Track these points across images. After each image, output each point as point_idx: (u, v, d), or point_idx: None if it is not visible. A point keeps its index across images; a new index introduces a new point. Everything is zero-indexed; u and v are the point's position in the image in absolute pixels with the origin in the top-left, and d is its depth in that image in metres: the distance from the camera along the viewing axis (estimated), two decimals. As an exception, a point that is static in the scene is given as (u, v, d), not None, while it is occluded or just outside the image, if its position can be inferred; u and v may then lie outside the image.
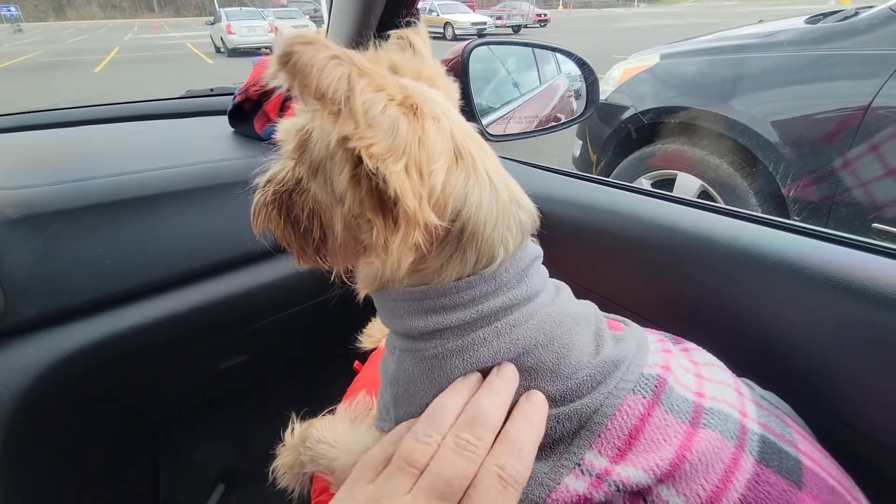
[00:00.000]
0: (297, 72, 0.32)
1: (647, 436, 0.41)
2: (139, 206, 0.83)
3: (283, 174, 0.51)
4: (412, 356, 0.48)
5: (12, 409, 0.67)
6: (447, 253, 0.45)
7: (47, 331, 0.74)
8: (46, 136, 1.12)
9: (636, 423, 0.42)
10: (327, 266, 0.55)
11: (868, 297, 0.49)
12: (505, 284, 0.46)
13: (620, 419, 0.42)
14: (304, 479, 0.71)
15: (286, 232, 0.52)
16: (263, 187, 0.53)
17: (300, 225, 0.50)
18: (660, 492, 0.39)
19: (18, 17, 53.54)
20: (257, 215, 0.53)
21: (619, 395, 0.43)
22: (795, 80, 1.90)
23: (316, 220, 0.49)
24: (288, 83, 0.34)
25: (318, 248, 0.52)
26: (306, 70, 0.32)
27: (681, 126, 2.19)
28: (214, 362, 1.15)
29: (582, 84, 1.11)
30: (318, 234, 0.50)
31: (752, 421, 0.44)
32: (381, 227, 0.40)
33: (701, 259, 0.64)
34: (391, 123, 0.37)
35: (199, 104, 1.37)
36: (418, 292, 0.46)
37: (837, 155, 1.72)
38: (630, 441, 0.41)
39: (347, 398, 0.77)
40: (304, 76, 0.32)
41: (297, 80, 0.33)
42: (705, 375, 0.48)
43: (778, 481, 0.39)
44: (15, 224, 0.73)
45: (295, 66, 0.32)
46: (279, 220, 0.52)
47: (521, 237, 0.48)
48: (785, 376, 0.55)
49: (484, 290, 0.45)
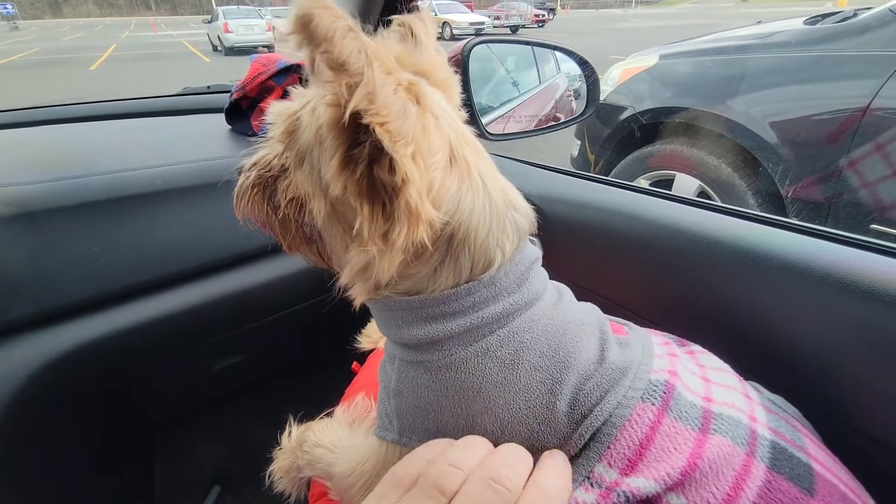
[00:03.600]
0: (317, 36, 0.30)
1: (658, 445, 0.40)
2: (135, 204, 0.82)
3: (268, 158, 0.51)
4: (416, 368, 0.47)
5: (5, 410, 0.66)
6: (437, 258, 0.44)
7: (41, 330, 0.73)
8: (41, 133, 1.10)
9: (647, 432, 0.41)
10: (313, 256, 0.54)
11: (876, 298, 0.48)
12: (505, 290, 0.45)
13: (630, 430, 0.41)
14: (301, 484, 0.70)
15: (269, 217, 0.52)
16: (247, 170, 0.52)
17: (280, 211, 0.50)
18: (669, 500, 0.38)
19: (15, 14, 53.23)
20: (240, 199, 0.52)
21: (628, 405, 0.42)
22: (794, 81, 1.90)
23: (297, 207, 0.48)
24: (304, 46, 0.31)
25: (300, 237, 0.52)
26: (328, 35, 0.30)
27: (679, 126, 2.19)
28: (211, 362, 1.14)
29: (582, 83, 1.11)
30: (299, 221, 0.50)
31: (763, 426, 0.43)
32: (368, 215, 0.38)
33: (705, 259, 0.63)
34: (402, 106, 0.35)
35: (196, 102, 1.36)
36: (417, 301, 0.45)
37: (836, 156, 1.72)
38: (640, 452, 0.40)
39: (346, 400, 0.76)
40: (327, 41, 0.30)
41: (316, 45, 0.30)
42: (713, 379, 0.48)
43: (790, 488, 0.38)
44: (8, 221, 0.72)
45: (316, 30, 0.29)
46: (262, 205, 0.52)
47: (518, 240, 0.47)
48: (792, 379, 0.55)
49: (483, 296, 0.44)
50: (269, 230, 0.54)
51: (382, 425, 0.51)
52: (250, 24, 15.94)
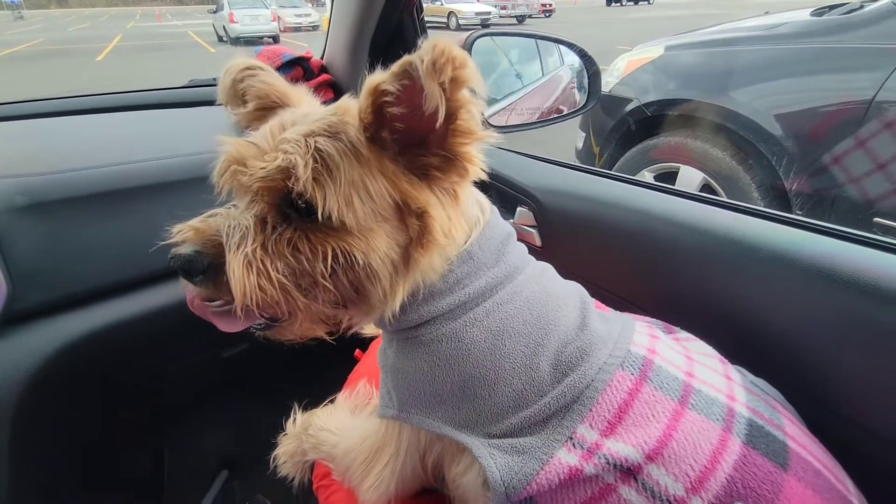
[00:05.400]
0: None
1: (636, 411, 0.43)
2: (143, 195, 0.84)
3: (254, 218, 0.44)
4: (410, 343, 0.50)
5: (21, 391, 0.69)
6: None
7: (54, 317, 0.76)
8: (49, 125, 1.12)
9: (625, 397, 0.44)
10: (327, 325, 0.50)
11: (860, 288, 0.50)
12: (483, 264, 0.49)
13: (611, 393, 0.44)
14: (305, 467, 0.73)
15: (285, 290, 0.43)
16: (237, 248, 0.43)
17: (314, 275, 0.43)
18: (650, 471, 0.40)
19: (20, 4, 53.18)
20: (245, 278, 0.42)
21: (608, 371, 0.45)
22: (800, 72, 1.89)
23: (340, 255, 0.42)
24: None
25: (329, 301, 0.46)
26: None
27: (684, 118, 2.18)
28: (218, 350, 1.17)
29: (584, 76, 1.11)
30: (347, 278, 0.44)
31: (741, 405, 0.45)
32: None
33: (697, 251, 0.64)
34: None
35: (202, 94, 1.37)
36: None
37: (840, 148, 1.71)
38: (619, 415, 0.43)
39: (348, 387, 0.79)
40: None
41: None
42: (696, 360, 0.50)
43: (764, 463, 0.40)
44: (23, 211, 0.74)
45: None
46: (284, 281, 0.43)
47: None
48: (777, 366, 0.56)
49: (465, 271, 0.48)
50: (283, 310, 0.44)
51: (384, 404, 0.54)
52: (255, 14, 15.87)
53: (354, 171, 0.42)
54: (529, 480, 0.42)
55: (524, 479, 0.42)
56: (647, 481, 0.40)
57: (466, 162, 0.43)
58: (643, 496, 0.40)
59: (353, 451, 0.58)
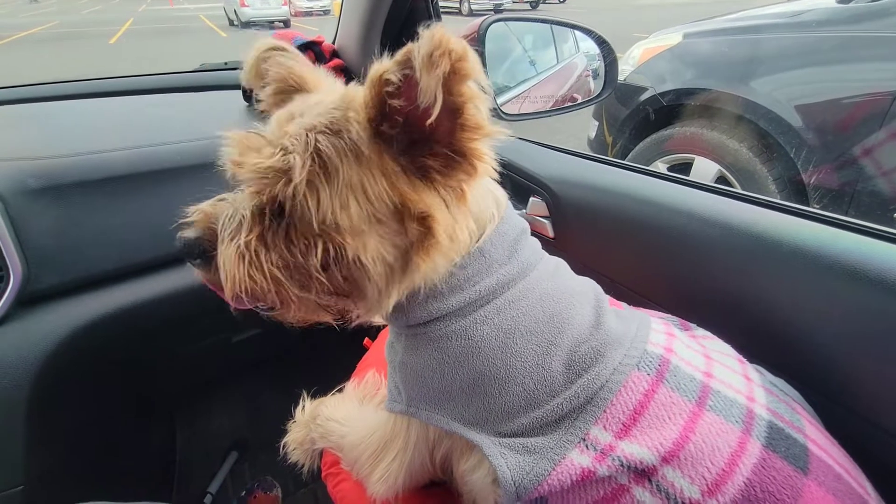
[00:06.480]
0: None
1: (652, 412, 0.42)
2: (156, 179, 0.84)
3: (253, 209, 0.44)
4: (419, 339, 0.49)
5: (37, 371, 0.70)
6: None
7: (69, 299, 0.76)
8: (62, 108, 1.13)
9: (640, 399, 0.43)
10: (330, 316, 0.50)
11: (885, 286, 0.48)
12: (496, 261, 0.47)
13: (625, 395, 0.43)
14: (315, 455, 0.73)
15: (276, 281, 0.43)
16: (230, 239, 0.43)
17: (308, 265, 0.42)
18: (665, 472, 0.40)
19: (34, -14, 53.26)
20: (235, 268, 0.42)
21: (623, 372, 0.44)
22: (823, 62, 1.83)
23: (333, 250, 0.42)
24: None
25: (324, 292, 0.45)
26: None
27: (700, 108, 2.13)
28: (229, 334, 1.18)
29: (600, 63, 1.09)
30: (340, 273, 0.44)
31: (761, 406, 0.44)
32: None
33: (716, 245, 0.63)
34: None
35: (214, 78, 1.37)
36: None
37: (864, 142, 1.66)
38: (634, 417, 0.42)
39: (356, 376, 0.79)
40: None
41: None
42: (715, 359, 0.49)
43: (784, 467, 0.39)
44: (36, 194, 0.74)
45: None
46: (277, 273, 0.43)
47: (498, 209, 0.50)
48: (798, 365, 0.55)
49: (476, 269, 0.47)
50: (274, 300, 0.45)
51: (392, 398, 0.54)
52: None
53: (353, 172, 0.40)
54: (541, 481, 0.42)
55: (535, 479, 0.42)
56: (662, 483, 0.39)
57: (475, 159, 0.40)
58: (657, 498, 0.39)
59: (361, 444, 0.58)
